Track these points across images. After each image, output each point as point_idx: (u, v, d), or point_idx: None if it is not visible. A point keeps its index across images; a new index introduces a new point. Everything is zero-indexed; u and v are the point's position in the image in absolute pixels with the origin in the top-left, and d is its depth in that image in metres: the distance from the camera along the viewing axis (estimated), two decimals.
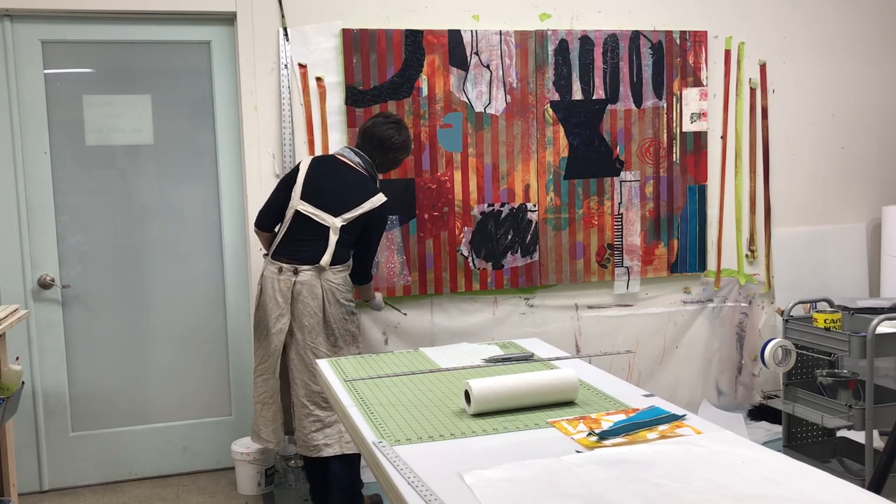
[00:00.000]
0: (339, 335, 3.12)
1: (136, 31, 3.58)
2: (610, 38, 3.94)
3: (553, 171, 3.91)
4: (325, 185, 3.13)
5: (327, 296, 3.08)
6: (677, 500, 1.40)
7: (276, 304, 3.08)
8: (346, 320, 3.15)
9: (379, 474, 1.65)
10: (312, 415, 3.10)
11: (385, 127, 3.21)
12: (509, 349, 2.58)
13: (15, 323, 2.95)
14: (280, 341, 3.08)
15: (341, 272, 3.13)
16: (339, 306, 3.11)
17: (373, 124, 3.23)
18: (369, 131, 3.23)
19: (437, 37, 3.72)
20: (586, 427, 1.77)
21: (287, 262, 3.09)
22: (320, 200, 3.11)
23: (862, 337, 3.14)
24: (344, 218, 3.09)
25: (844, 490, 1.43)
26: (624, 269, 4.06)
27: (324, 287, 3.07)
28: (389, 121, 3.24)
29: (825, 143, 4.37)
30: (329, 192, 3.12)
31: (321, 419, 3.10)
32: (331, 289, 3.08)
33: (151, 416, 3.78)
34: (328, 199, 3.11)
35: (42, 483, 3.66)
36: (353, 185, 3.14)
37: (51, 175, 3.56)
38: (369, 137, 3.22)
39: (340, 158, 3.21)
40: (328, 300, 3.08)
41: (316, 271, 3.07)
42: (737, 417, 4.15)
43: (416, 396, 2.08)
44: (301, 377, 3.09)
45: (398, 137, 3.22)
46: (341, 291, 3.12)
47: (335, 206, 3.10)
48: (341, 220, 3.09)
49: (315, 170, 3.18)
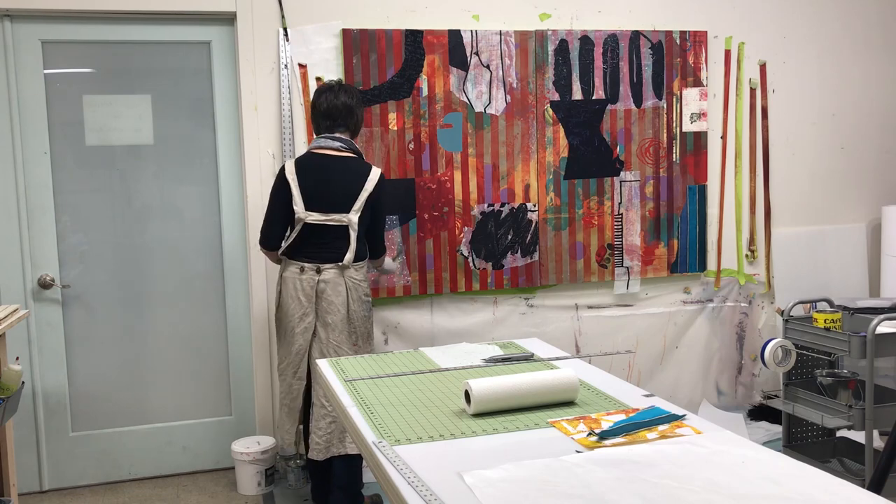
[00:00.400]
0: (359, 333, 3.15)
1: (136, 31, 3.58)
2: (610, 38, 3.94)
3: (553, 171, 3.91)
4: (322, 186, 3.09)
5: (350, 293, 3.10)
6: (677, 500, 1.40)
7: (299, 303, 3.09)
8: (366, 318, 3.19)
9: (379, 474, 1.65)
10: (330, 416, 3.11)
11: (329, 95, 3.13)
12: (509, 349, 2.58)
13: (15, 323, 2.95)
14: (305, 340, 3.11)
15: (362, 268, 3.18)
16: (361, 303, 3.15)
17: (319, 102, 3.14)
18: (323, 110, 3.13)
19: (437, 37, 3.72)
20: (586, 427, 1.77)
21: (308, 262, 3.10)
22: (326, 204, 3.08)
23: (862, 337, 3.14)
24: (355, 210, 3.09)
25: (844, 490, 1.43)
26: (624, 269, 4.06)
27: (347, 285, 3.10)
28: (330, 88, 3.16)
29: (825, 143, 4.37)
30: (330, 193, 3.08)
31: (336, 419, 3.11)
32: (354, 286, 3.11)
33: (151, 416, 3.78)
34: (333, 200, 3.08)
35: (42, 483, 3.66)
36: (348, 174, 3.10)
37: (51, 175, 3.56)
38: (327, 114, 3.13)
39: (321, 152, 3.12)
40: (352, 297, 3.11)
41: (339, 269, 3.09)
42: (737, 417, 4.15)
43: (416, 396, 2.08)
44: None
45: (350, 99, 3.15)
46: (363, 288, 3.16)
47: (344, 203, 3.09)
48: (355, 214, 3.09)
49: (304, 174, 3.10)
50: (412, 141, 3.70)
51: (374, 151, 3.66)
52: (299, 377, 3.16)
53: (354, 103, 3.18)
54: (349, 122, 3.17)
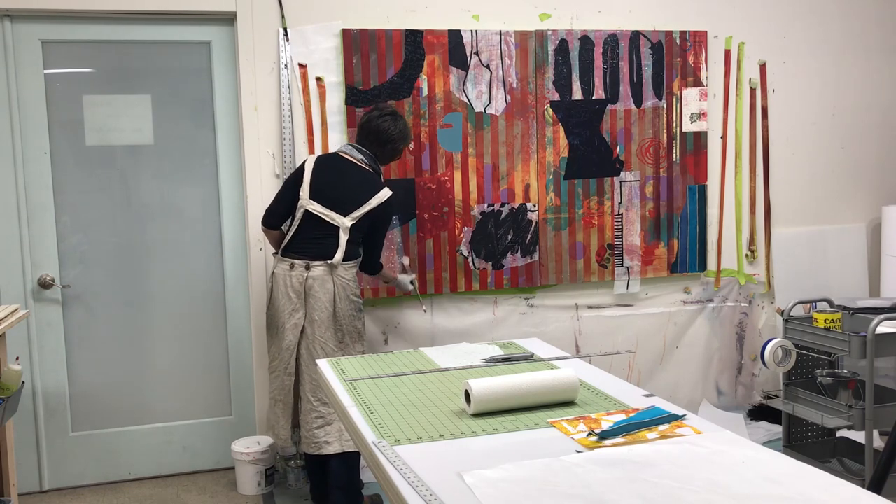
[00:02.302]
0: (346, 331, 3.18)
1: (136, 31, 3.58)
2: (610, 38, 3.94)
3: (553, 171, 3.91)
4: (332, 184, 3.18)
5: (338, 291, 3.15)
6: (677, 500, 1.40)
7: (289, 300, 3.15)
8: (354, 317, 3.22)
9: (379, 474, 1.66)
10: (316, 410, 3.16)
11: (380, 120, 3.25)
12: (509, 349, 2.58)
13: (15, 323, 2.95)
14: (295, 336, 3.16)
15: (352, 268, 3.21)
16: (349, 302, 3.18)
17: (368, 119, 3.28)
18: (366, 126, 3.27)
19: (437, 37, 3.72)
20: (586, 427, 1.77)
21: (298, 259, 3.16)
22: (329, 200, 3.16)
23: (862, 337, 3.14)
24: (353, 217, 3.15)
25: (844, 490, 1.43)
26: (624, 269, 4.06)
27: (335, 283, 3.14)
28: (384, 113, 3.28)
29: (825, 143, 4.37)
30: (336, 192, 3.17)
31: (323, 415, 3.16)
32: (342, 284, 3.16)
33: (151, 416, 3.78)
34: (336, 199, 3.16)
35: (42, 483, 3.66)
36: (359, 182, 3.19)
37: (51, 175, 3.56)
38: (367, 132, 3.26)
39: (344, 156, 3.25)
40: (339, 296, 3.15)
41: (327, 267, 3.14)
42: (737, 417, 4.15)
43: (416, 396, 2.08)
44: (308, 372, 3.16)
45: (394, 128, 3.25)
46: (351, 288, 3.19)
47: (344, 205, 3.16)
48: (350, 220, 3.15)
49: (321, 169, 3.22)
50: (412, 141, 3.70)
51: None
52: (289, 373, 3.21)
53: (396, 134, 3.25)
54: (380, 148, 3.26)
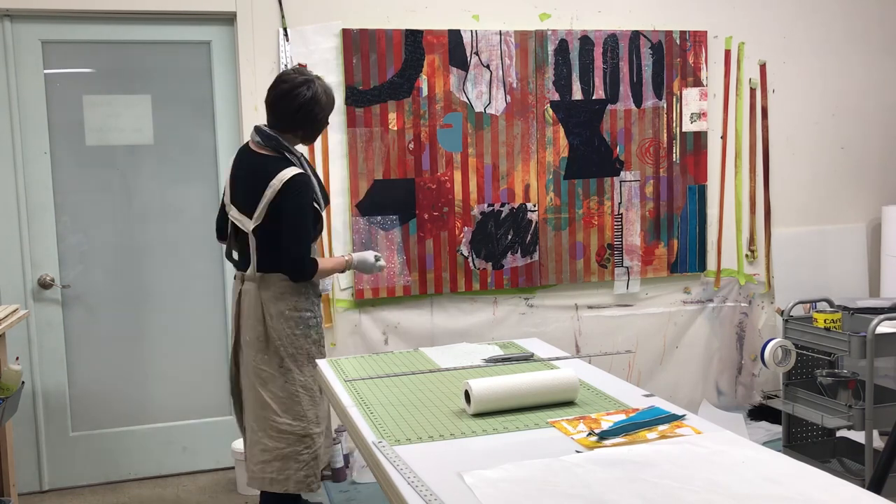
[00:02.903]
0: (285, 354, 2.66)
1: (136, 31, 3.58)
2: (610, 38, 3.94)
3: (553, 171, 3.91)
4: (238, 181, 2.73)
5: (266, 307, 2.65)
6: (677, 500, 1.40)
7: (234, 315, 2.79)
8: (297, 336, 2.68)
9: (379, 474, 1.65)
10: (260, 443, 2.70)
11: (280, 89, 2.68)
12: (509, 349, 2.58)
13: (15, 323, 2.95)
14: (234, 355, 2.78)
15: (283, 280, 2.67)
16: (284, 320, 2.66)
17: (267, 92, 2.72)
18: (266, 101, 2.72)
19: (437, 37, 3.72)
20: (586, 427, 1.77)
21: (237, 271, 2.78)
22: (238, 201, 2.72)
23: (862, 337, 3.13)
24: (256, 217, 2.64)
25: (844, 490, 1.43)
26: (624, 269, 4.06)
27: (262, 298, 2.65)
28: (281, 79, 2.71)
29: (825, 143, 4.36)
30: (239, 192, 2.72)
31: (269, 449, 2.68)
32: (270, 299, 2.65)
33: (151, 416, 3.78)
34: (242, 199, 2.70)
35: (42, 483, 3.66)
36: (254, 173, 2.67)
37: (51, 175, 3.56)
38: (267, 106, 2.72)
39: (248, 145, 2.77)
40: (268, 313, 2.65)
41: (256, 280, 2.68)
42: (737, 417, 4.15)
43: (416, 396, 2.08)
44: (249, 399, 2.74)
45: (306, 92, 2.65)
46: (289, 302, 2.67)
47: (247, 206, 2.67)
48: (253, 222, 2.65)
49: (234, 165, 2.77)
50: (412, 141, 3.71)
51: (374, 151, 3.66)
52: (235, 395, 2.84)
53: (305, 98, 2.65)
54: (287, 119, 2.69)
